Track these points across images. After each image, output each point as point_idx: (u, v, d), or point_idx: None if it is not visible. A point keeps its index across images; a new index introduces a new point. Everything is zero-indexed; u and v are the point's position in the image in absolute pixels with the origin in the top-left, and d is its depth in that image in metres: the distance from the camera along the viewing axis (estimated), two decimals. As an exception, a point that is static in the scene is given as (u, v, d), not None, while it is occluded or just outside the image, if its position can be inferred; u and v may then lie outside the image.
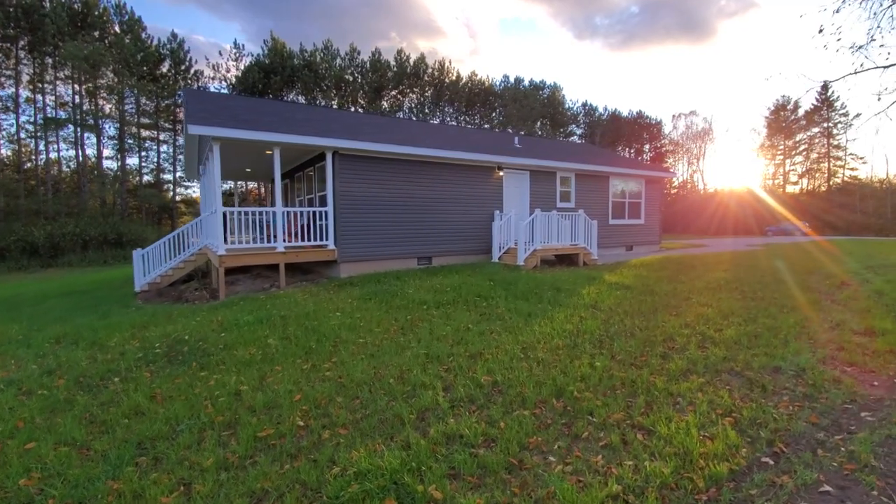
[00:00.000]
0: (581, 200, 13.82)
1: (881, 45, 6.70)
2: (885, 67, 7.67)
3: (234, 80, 39.79)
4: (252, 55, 41.24)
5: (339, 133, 9.79)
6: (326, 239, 9.39)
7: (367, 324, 5.86)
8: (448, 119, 53.94)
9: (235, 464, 3.00)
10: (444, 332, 5.42)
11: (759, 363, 4.43)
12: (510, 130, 51.80)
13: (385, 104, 49.19)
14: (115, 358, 5.13)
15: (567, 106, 63.67)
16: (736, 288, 8.07)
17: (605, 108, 67.78)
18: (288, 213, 9.54)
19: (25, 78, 30.59)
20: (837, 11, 6.40)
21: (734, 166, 78.84)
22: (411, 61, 48.35)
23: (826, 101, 48.83)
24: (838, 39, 6.49)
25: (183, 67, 37.55)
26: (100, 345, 5.66)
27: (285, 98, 42.30)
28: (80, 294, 10.45)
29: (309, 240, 9.20)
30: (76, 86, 32.11)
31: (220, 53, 64.06)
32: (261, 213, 9.25)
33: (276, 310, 6.62)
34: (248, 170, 13.06)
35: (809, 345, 5.01)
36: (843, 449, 2.93)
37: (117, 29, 33.04)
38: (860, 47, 6.64)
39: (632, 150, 72.56)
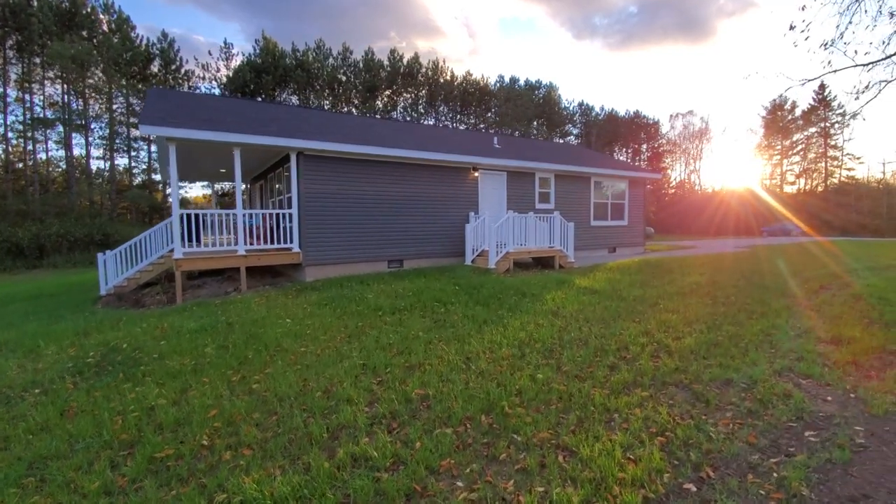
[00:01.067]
0: (561, 202, 13.60)
1: (846, 43, 6.45)
2: (864, 65, 7.45)
3: (224, 79, 39.53)
4: (243, 55, 40.98)
5: (304, 133, 9.56)
6: (291, 242, 9.16)
7: (314, 331, 5.64)
8: (442, 119, 53.74)
9: (122, 488, 2.79)
10: (390, 341, 5.19)
11: (710, 375, 4.21)
12: (492, 131, 51.70)
13: (379, 104, 48.98)
14: (45, 367, 4.91)
15: (563, 106, 63.51)
16: (709, 293, 7.85)
17: (602, 108, 67.63)
18: (250, 215, 9.32)
19: (14, 77, 30.36)
20: (803, 9, 6.17)
21: (732, 166, 78.57)
22: (405, 61, 48.12)
23: (823, 101, 48.62)
24: (806, 39, 6.25)
25: (173, 67, 37.28)
26: (36, 353, 5.44)
27: (278, 98, 42.08)
28: (47, 298, 10.23)
29: (274, 242, 8.98)
30: (65, 85, 31.89)
31: (210, 53, 63.76)
32: (220, 216, 8.99)
33: (225, 316, 6.39)
34: (223, 170, 12.83)
35: (770, 354, 4.80)
36: (775, 475, 2.71)
37: (105, 28, 32.77)
38: (830, 43, 6.40)
39: (629, 150, 72.35)
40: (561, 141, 66.52)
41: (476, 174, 11.69)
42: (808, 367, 4.37)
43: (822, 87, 48.34)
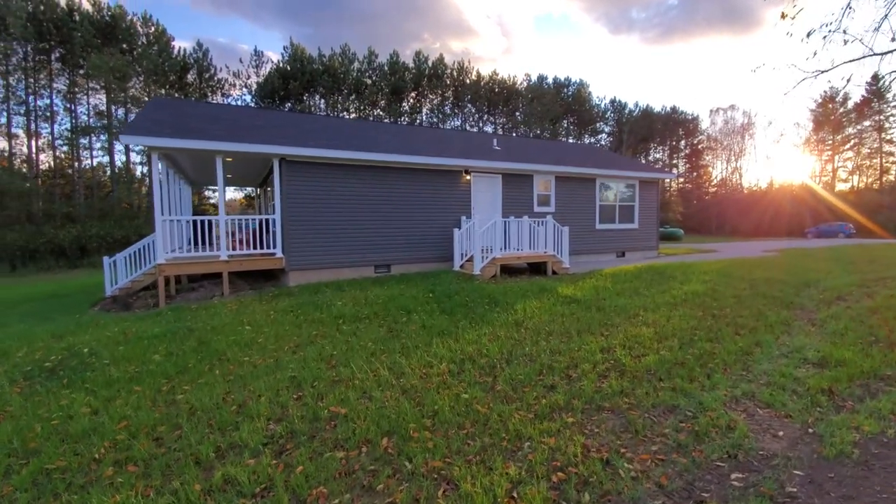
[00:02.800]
0: (563, 204, 13.11)
1: (844, 31, 5.76)
2: (880, 54, 6.71)
3: (254, 86, 40.91)
4: (272, 62, 42.28)
5: (287, 140, 9.63)
6: (274, 247, 9.25)
7: (266, 340, 5.60)
8: (469, 120, 53.48)
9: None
10: (333, 352, 5.08)
11: (655, 400, 3.83)
12: (495, 132, 50.83)
13: (405, 106, 49.32)
14: (5, 370, 5.10)
15: (594, 103, 61.73)
16: (702, 303, 7.28)
17: (636, 105, 65.17)
18: (233, 220, 9.48)
19: (61, 88, 32.58)
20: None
21: (779, 163, 74.00)
22: (430, 62, 48.18)
23: (877, 93, 44.88)
24: (791, 23, 5.63)
25: (206, 76, 38.94)
26: (6, 355, 5.66)
27: (307, 103, 43.15)
28: (59, 298, 10.81)
29: (258, 248, 9.09)
30: (108, 95, 33.91)
31: (241, 60, 66.42)
32: (202, 222, 9.13)
33: (191, 322, 6.48)
34: (230, 175, 13.18)
35: (737, 378, 4.34)
36: (668, 526, 2.38)
37: (144, 41, 34.61)
38: (831, 32, 5.75)
39: (665, 148, 69.54)
40: (591, 139, 64.88)
41: (468, 177, 11.43)
42: (773, 394, 3.91)
43: (876, 77, 44.61)
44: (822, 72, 7.10)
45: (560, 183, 13.07)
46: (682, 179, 71.16)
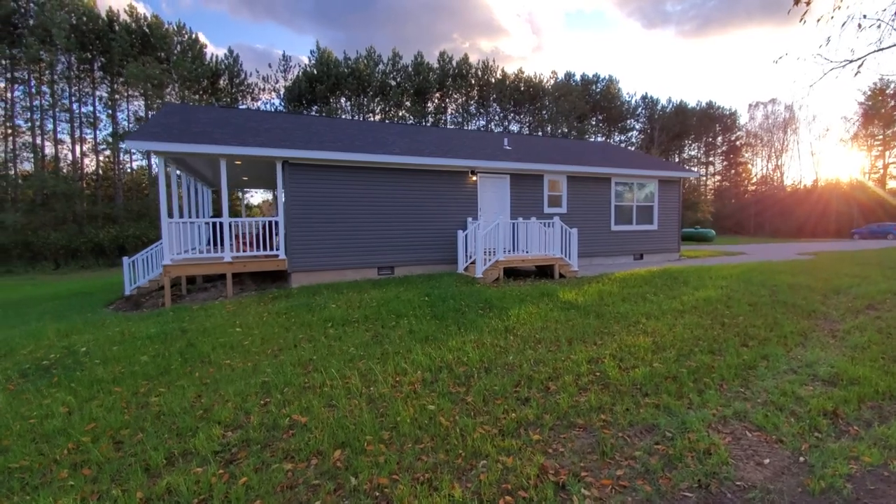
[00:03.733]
0: (575, 205, 12.68)
1: (864, 16, 5.22)
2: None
3: (282, 90, 41.97)
4: (299, 66, 43.24)
5: (289, 143, 9.72)
6: (277, 249, 9.36)
7: (252, 342, 5.63)
8: (494, 119, 53.06)
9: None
10: (312, 357, 5.03)
11: (633, 418, 3.57)
12: (506, 131, 49.91)
13: (430, 107, 49.45)
14: (6, 368, 5.32)
15: (624, 99, 60.00)
16: (712, 311, 6.84)
17: (669, 101, 62.91)
18: (238, 223, 9.64)
19: (103, 95, 34.39)
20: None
21: (824, 160, 69.68)
22: (454, 62, 48.08)
23: (936, 82, 41.50)
24: (805, 8, 5.14)
25: (237, 81, 40.24)
26: (13, 352, 5.92)
27: (333, 105, 43.89)
28: (81, 296, 11.33)
29: (262, 249, 9.24)
30: (146, 101, 35.59)
31: (270, 66, 68.50)
32: (207, 224, 9.31)
33: (187, 322, 6.60)
34: (245, 178, 13.48)
35: (732, 395, 4.01)
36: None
37: (178, 49, 36.08)
38: (850, 18, 5.23)
39: (700, 145, 66.80)
40: (621, 137, 63.10)
41: (474, 178, 11.21)
42: (768, 415, 3.57)
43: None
44: (850, 61, 6.55)
45: (572, 183, 12.67)
46: (718, 177, 68.17)
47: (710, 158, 69.31)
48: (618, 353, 4.99)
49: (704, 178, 69.40)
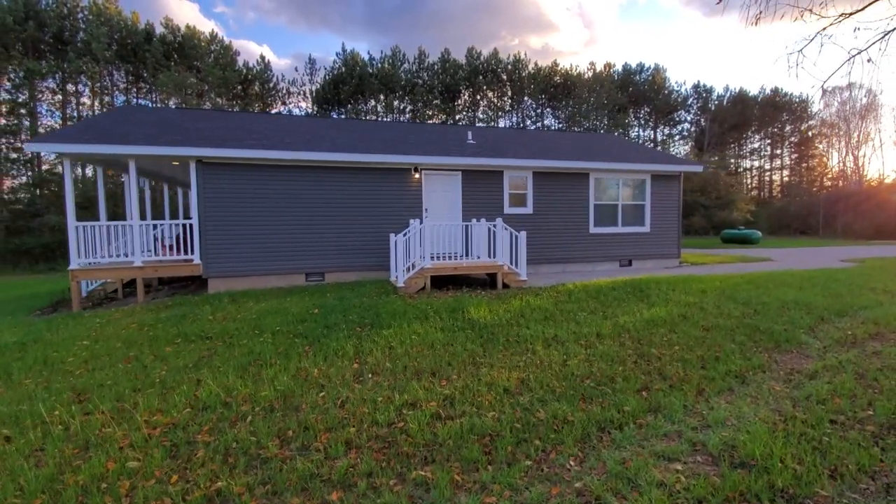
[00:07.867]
0: (544, 204, 11.23)
1: None
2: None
3: (310, 94, 42.80)
4: (325, 68, 43.95)
5: (203, 141, 9.18)
6: (192, 253, 8.86)
7: (79, 359, 5.09)
8: (528, 114, 51.12)
9: None
10: (106, 381, 4.37)
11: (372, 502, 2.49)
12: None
13: (459, 104, 48.46)
14: None
15: (672, 89, 55.67)
16: (646, 336, 5.43)
17: (727, 89, 57.58)
18: (147, 225, 9.25)
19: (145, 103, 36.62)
20: None
21: (914, 150, 60.84)
22: (483, 58, 46.74)
23: None
24: None
25: (269, 86, 41.52)
26: None
27: (359, 107, 44.14)
28: (26, 300, 11.29)
29: (178, 253, 8.82)
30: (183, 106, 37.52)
31: (296, 69, 71.39)
32: (116, 227, 8.92)
33: (51, 333, 6.22)
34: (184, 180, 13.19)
35: (551, 471, 2.79)
36: None
37: (211, 58, 37.70)
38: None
39: (765, 136, 60.55)
40: (668, 130, 58.67)
41: (418, 176, 10.14)
42: (543, 522, 2.36)
43: None
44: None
45: (540, 179, 11.22)
46: (786, 172, 61.41)
47: (777, 151, 62.80)
48: (459, 395, 3.86)
49: (769, 173, 62.97)
